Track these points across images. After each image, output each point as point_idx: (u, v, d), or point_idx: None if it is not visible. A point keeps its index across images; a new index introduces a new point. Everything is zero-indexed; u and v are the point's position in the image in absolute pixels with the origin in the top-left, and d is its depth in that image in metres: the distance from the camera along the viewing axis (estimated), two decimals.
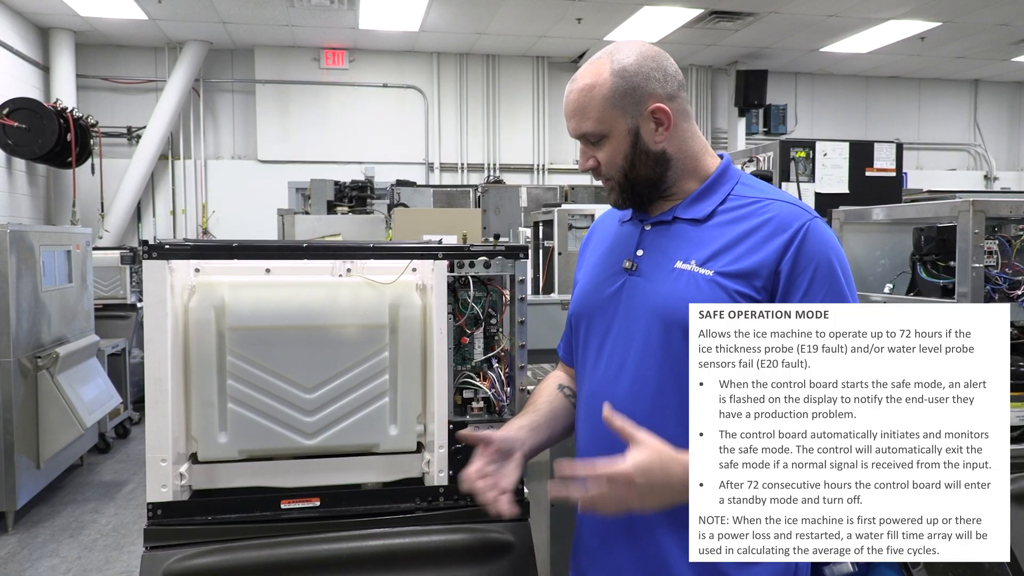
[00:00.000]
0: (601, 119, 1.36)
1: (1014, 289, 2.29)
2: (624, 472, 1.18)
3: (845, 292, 1.33)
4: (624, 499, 1.19)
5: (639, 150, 1.38)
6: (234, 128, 9.60)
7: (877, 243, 2.87)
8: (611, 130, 1.37)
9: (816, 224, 1.34)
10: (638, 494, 1.19)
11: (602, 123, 1.36)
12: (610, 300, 1.45)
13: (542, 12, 8.05)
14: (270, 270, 1.61)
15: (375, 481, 1.64)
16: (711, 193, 1.41)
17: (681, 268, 1.36)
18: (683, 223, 1.41)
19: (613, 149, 1.38)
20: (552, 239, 3.97)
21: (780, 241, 1.32)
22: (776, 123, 10.42)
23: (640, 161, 1.38)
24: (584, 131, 1.38)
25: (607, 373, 1.44)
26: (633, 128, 1.37)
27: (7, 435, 4.15)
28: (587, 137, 1.39)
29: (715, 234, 1.37)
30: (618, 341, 1.43)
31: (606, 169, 1.40)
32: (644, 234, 1.46)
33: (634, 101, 1.36)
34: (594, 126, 1.37)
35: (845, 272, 1.35)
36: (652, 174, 1.40)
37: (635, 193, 1.41)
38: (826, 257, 1.32)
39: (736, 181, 1.43)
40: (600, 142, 1.39)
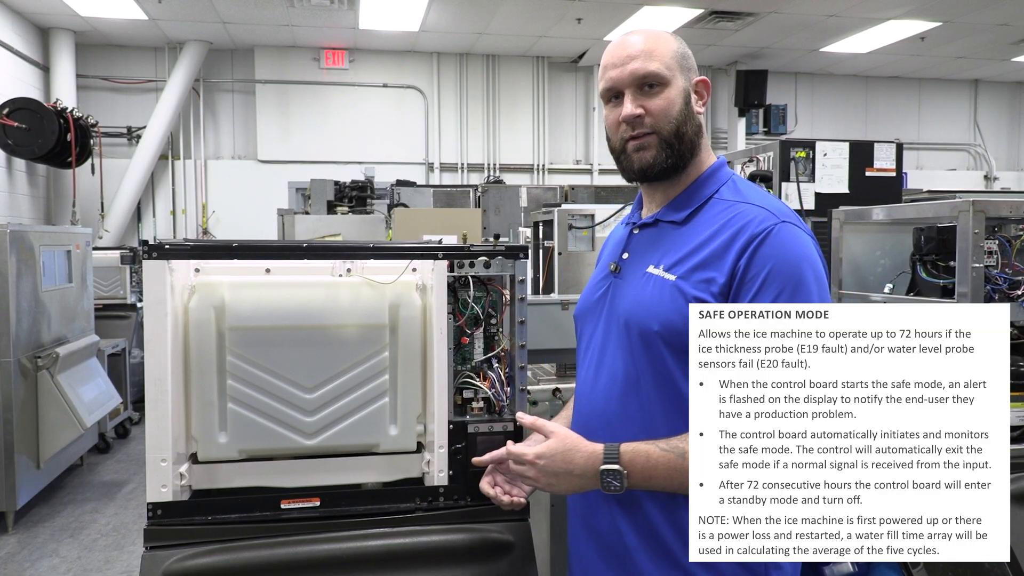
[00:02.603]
0: (669, 66, 1.38)
1: (1014, 289, 2.29)
2: (524, 454, 1.38)
3: (806, 297, 1.27)
4: (530, 478, 1.40)
5: (690, 111, 1.40)
6: (234, 128, 9.60)
7: (877, 243, 2.87)
8: (672, 80, 1.38)
9: (783, 228, 1.30)
10: (542, 475, 1.37)
11: (669, 69, 1.38)
12: (598, 303, 1.49)
13: (542, 12, 8.05)
14: (270, 270, 1.61)
15: (375, 481, 1.64)
16: (694, 193, 1.41)
17: (650, 273, 1.38)
18: (665, 224, 1.43)
19: (670, 100, 1.38)
20: (552, 239, 3.96)
21: (739, 244, 1.30)
22: (776, 123, 10.42)
23: (689, 121, 1.40)
24: (650, 70, 1.36)
25: (587, 374, 1.48)
26: (687, 89, 1.40)
27: (7, 435, 4.15)
28: (648, 79, 1.37)
29: (688, 237, 1.36)
30: (599, 343, 1.46)
31: (656, 119, 1.38)
32: (632, 237, 1.48)
33: (688, 67, 1.41)
34: (661, 69, 1.37)
35: (811, 277, 1.28)
36: (694, 139, 1.41)
37: (674, 152, 1.39)
38: (785, 260, 1.28)
39: (723, 183, 1.41)
40: (656, 90, 1.38)
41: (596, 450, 1.33)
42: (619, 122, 1.40)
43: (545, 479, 1.38)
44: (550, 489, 1.41)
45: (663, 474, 1.29)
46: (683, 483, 1.23)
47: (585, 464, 1.33)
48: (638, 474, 1.30)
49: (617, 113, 1.40)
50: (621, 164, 1.45)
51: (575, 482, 1.36)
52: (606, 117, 1.45)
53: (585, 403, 1.48)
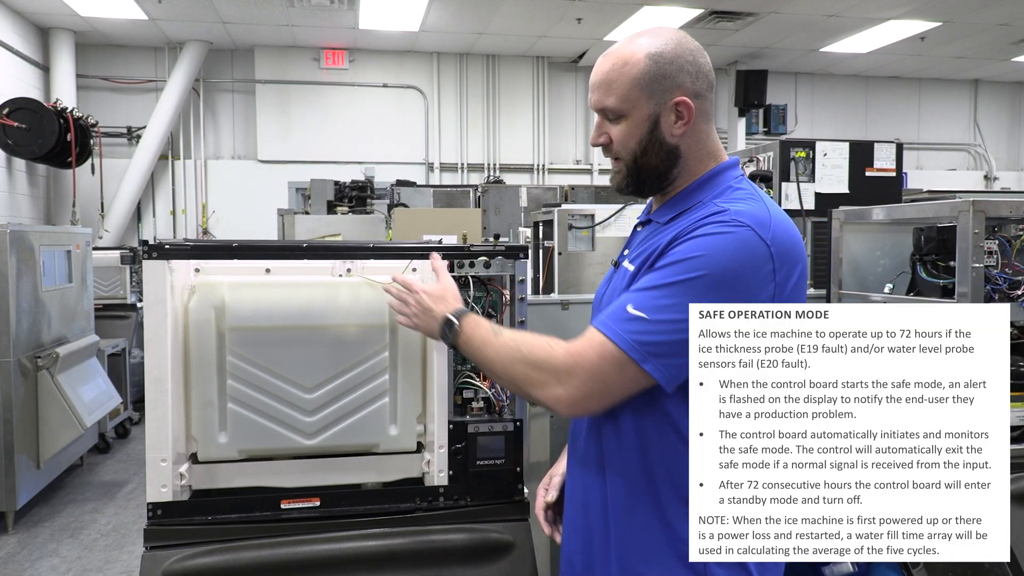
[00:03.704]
0: (625, 98, 1.35)
1: (1014, 289, 2.29)
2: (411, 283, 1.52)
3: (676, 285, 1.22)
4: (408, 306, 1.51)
5: (654, 138, 1.36)
6: (234, 128, 9.60)
7: (877, 243, 2.87)
8: (632, 111, 1.35)
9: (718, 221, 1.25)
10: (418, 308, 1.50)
11: (625, 102, 1.35)
12: (601, 298, 1.51)
13: (542, 12, 8.05)
14: (270, 270, 1.61)
15: (375, 481, 1.64)
16: (685, 198, 1.39)
17: (625, 268, 1.41)
18: (654, 224, 1.44)
19: (629, 131, 1.37)
20: (552, 239, 3.96)
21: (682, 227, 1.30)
22: (776, 123, 10.42)
23: (652, 149, 1.37)
24: (605, 105, 1.37)
25: None
26: (654, 115, 1.35)
27: (7, 435, 4.15)
28: (606, 112, 1.38)
29: (664, 235, 1.35)
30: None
31: (616, 148, 1.39)
32: (634, 235, 1.51)
33: (661, 88, 1.34)
34: (616, 103, 1.36)
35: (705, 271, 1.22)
36: (660, 165, 1.38)
37: (640, 180, 1.40)
38: (698, 246, 1.24)
39: (717, 190, 1.36)
40: (618, 120, 1.37)
41: (457, 306, 1.47)
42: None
43: (415, 310, 1.51)
44: (416, 324, 1.51)
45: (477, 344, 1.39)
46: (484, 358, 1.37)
47: (443, 311, 1.46)
48: (464, 333, 1.41)
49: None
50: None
51: (431, 324, 1.48)
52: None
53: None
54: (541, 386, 1.29)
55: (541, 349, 1.31)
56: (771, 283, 1.25)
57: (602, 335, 1.25)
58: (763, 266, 1.24)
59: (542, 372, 1.29)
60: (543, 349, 1.30)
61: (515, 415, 1.69)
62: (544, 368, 1.29)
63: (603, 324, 1.27)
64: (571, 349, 1.28)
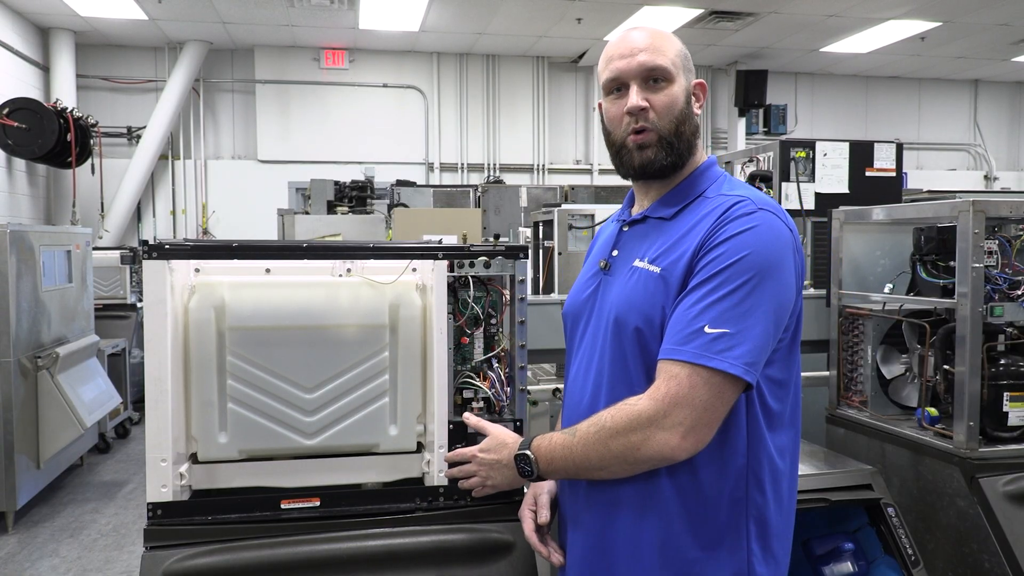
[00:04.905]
0: (674, 63, 1.38)
1: (1014, 289, 2.28)
2: (465, 453, 1.56)
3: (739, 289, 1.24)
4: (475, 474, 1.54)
5: (690, 111, 1.40)
6: (234, 128, 9.60)
7: (877, 243, 2.86)
8: (677, 78, 1.38)
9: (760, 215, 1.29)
10: (482, 468, 1.52)
11: (675, 66, 1.38)
12: (587, 301, 1.48)
13: (542, 12, 8.05)
14: (270, 270, 1.61)
15: (375, 481, 1.64)
16: (685, 190, 1.41)
17: (637, 266, 1.38)
18: (654, 220, 1.42)
19: (673, 97, 1.38)
20: (552, 239, 3.96)
21: (713, 217, 1.31)
22: (776, 123, 10.42)
23: (688, 120, 1.39)
24: (657, 64, 1.36)
25: (578, 371, 1.47)
26: (688, 88, 1.40)
27: (7, 435, 4.15)
28: (655, 73, 1.37)
29: (674, 230, 1.36)
30: (588, 342, 1.45)
31: (659, 115, 1.37)
32: (621, 234, 1.48)
33: (688, 68, 1.41)
34: (668, 64, 1.37)
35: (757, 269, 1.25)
36: (691, 139, 1.40)
37: (673, 151, 1.38)
38: (744, 242, 1.26)
39: (714, 181, 1.41)
40: (661, 85, 1.37)
41: (518, 441, 1.44)
42: (623, 115, 1.38)
43: (484, 472, 1.52)
44: (492, 483, 1.53)
45: (560, 454, 1.34)
46: (577, 462, 1.31)
47: (509, 454, 1.45)
48: (543, 457, 1.37)
49: (620, 105, 1.39)
50: (620, 159, 1.42)
51: (506, 472, 1.47)
52: (607, 110, 1.42)
53: (575, 402, 1.46)
54: (645, 443, 1.24)
55: (622, 412, 1.27)
56: (796, 252, 1.32)
57: (682, 363, 1.23)
58: (791, 242, 1.32)
59: (638, 431, 1.24)
60: (624, 411, 1.27)
61: (515, 415, 1.69)
62: (637, 426, 1.24)
63: (679, 352, 1.24)
64: (654, 395, 1.24)
